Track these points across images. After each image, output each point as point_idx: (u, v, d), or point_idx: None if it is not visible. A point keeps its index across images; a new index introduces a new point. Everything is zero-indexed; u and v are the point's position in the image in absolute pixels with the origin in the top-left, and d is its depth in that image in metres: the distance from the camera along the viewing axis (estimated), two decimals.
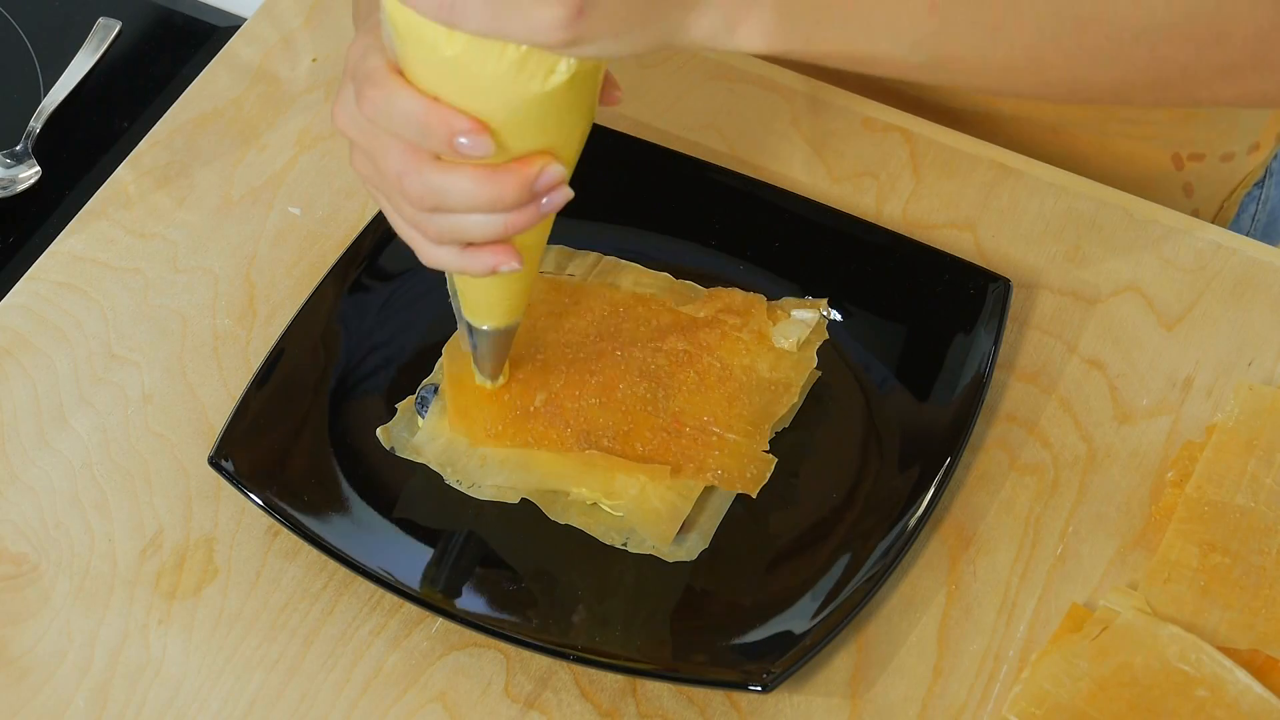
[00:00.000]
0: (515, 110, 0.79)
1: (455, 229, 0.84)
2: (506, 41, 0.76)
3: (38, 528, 0.99)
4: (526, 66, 0.78)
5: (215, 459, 0.97)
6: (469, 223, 0.83)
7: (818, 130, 1.15)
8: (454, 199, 0.82)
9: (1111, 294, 1.08)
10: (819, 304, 1.04)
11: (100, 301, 1.07)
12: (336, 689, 0.94)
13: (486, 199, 0.82)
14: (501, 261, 0.85)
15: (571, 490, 0.98)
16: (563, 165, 0.83)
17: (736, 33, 0.81)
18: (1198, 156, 1.19)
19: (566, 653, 0.92)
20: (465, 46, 0.77)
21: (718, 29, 0.80)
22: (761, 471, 0.98)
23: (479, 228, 0.83)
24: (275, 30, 1.20)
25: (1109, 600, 0.95)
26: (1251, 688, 0.91)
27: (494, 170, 0.81)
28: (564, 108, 0.80)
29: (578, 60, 0.78)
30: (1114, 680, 0.91)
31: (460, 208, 0.83)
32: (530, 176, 0.81)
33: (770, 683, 0.90)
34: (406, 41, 0.78)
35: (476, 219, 0.83)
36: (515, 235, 0.84)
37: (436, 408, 1.00)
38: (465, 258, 0.86)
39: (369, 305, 1.04)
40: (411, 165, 0.82)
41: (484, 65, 0.77)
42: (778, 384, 1.01)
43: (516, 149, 0.81)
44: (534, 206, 0.83)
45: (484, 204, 0.82)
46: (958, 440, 0.98)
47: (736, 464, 0.98)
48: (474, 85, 0.78)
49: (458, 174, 0.81)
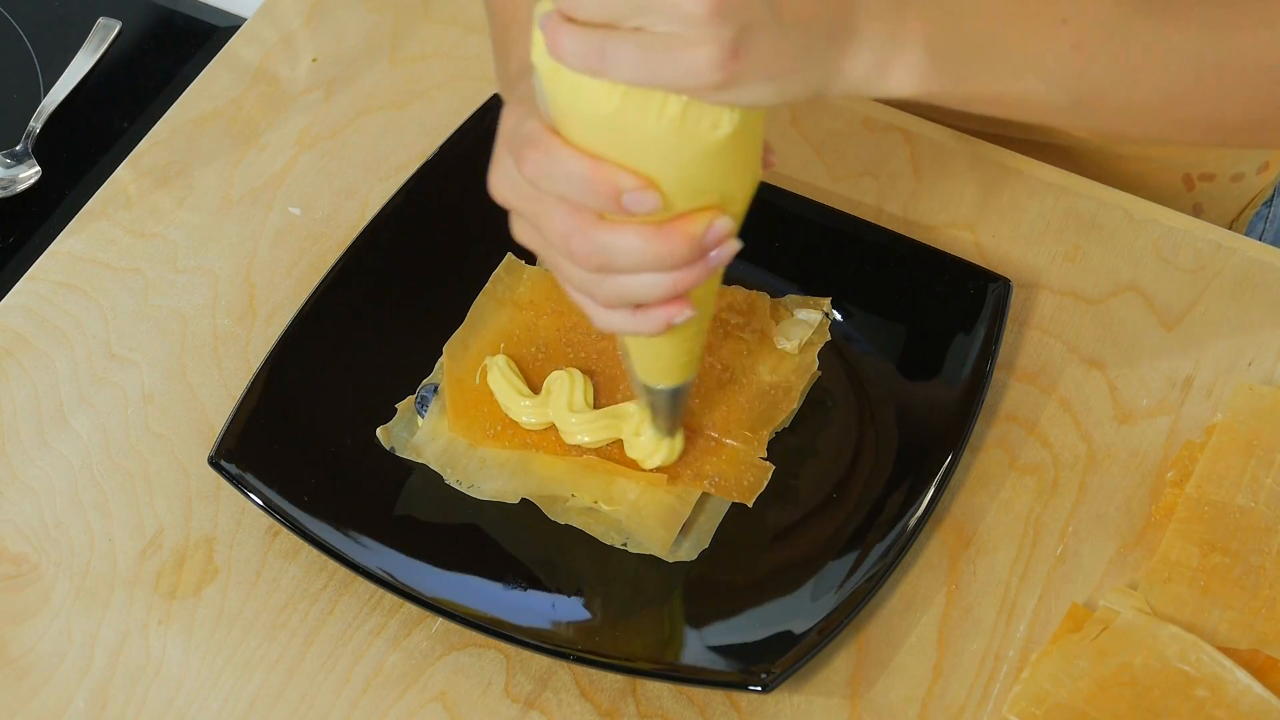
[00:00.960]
0: (680, 165, 0.77)
1: (625, 291, 0.82)
2: (665, 93, 0.75)
3: (38, 528, 0.99)
4: (688, 120, 0.76)
5: (215, 459, 0.97)
6: (638, 283, 0.82)
7: (818, 130, 1.15)
8: (621, 258, 0.80)
9: (1111, 294, 1.08)
10: (823, 303, 1.04)
11: (100, 301, 1.07)
12: (336, 689, 0.94)
13: (654, 256, 0.80)
14: (674, 313, 0.83)
15: (570, 495, 0.98)
16: (730, 218, 0.81)
17: (889, 75, 0.80)
18: (1208, 177, 1.19)
19: (566, 653, 0.92)
20: (623, 101, 0.75)
21: (870, 71, 0.80)
22: (758, 480, 0.98)
23: (648, 288, 0.82)
24: (275, 30, 1.20)
25: (1109, 600, 0.95)
26: (1252, 688, 0.91)
27: (661, 227, 0.79)
28: (728, 162, 0.79)
29: (740, 112, 0.77)
30: (1114, 680, 0.91)
31: (628, 267, 0.81)
32: (697, 232, 0.80)
33: (770, 683, 0.90)
34: (562, 101, 0.77)
35: (645, 279, 0.81)
36: (685, 291, 0.82)
37: (436, 408, 1.00)
38: (638, 319, 0.84)
39: (369, 305, 1.04)
40: (577, 225, 0.80)
41: (644, 120, 0.75)
42: (778, 389, 1.01)
43: (683, 204, 0.79)
44: (703, 262, 0.81)
45: (652, 262, 0.80)
46: (957, 440, 0.98)
47: (734, 471, 0.98)
48: (636, 141, 0.76)
49: (624, 232, 0.80)
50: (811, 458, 1.00)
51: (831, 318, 1.04)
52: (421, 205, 1.08)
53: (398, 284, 1.06)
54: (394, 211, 1.07)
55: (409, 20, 1.21)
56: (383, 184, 1.12)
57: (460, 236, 1.08)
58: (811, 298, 1.04)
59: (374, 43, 1.19)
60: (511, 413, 0.99)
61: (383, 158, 1.14)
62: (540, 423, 0.98)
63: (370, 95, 1.17)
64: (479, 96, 1.13)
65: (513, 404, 0.99)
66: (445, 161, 1.09)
